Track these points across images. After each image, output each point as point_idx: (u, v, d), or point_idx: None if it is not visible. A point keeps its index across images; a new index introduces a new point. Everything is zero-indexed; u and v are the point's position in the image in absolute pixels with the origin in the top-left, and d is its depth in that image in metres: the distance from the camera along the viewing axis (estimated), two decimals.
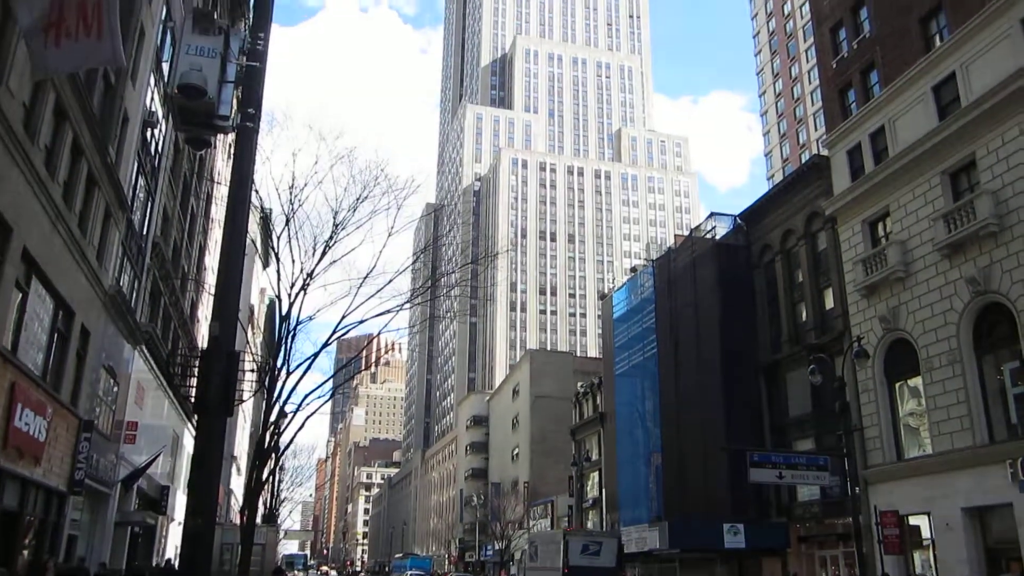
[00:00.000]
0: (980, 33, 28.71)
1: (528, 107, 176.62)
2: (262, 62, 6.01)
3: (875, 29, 37.02)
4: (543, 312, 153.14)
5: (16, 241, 15.75)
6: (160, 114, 28.82)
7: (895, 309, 30.90)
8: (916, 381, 30.07)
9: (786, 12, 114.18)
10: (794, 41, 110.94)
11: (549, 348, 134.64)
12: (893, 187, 31.96)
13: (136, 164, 26.26)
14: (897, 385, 31.50)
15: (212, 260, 42.80)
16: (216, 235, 44.07)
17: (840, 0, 40.09)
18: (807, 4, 77.61)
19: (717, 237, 45.08)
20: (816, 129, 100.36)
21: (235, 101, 6.38)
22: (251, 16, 6.74)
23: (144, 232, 28.53)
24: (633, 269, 63.84)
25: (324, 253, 26.44)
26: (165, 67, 28.65)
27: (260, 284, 70.66)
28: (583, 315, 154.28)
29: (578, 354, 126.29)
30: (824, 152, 38.89)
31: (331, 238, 26.30)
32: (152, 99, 27.65)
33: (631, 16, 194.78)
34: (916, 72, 32.04)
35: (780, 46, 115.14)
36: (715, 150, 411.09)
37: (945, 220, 28.44)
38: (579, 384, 73.00)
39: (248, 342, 51.41)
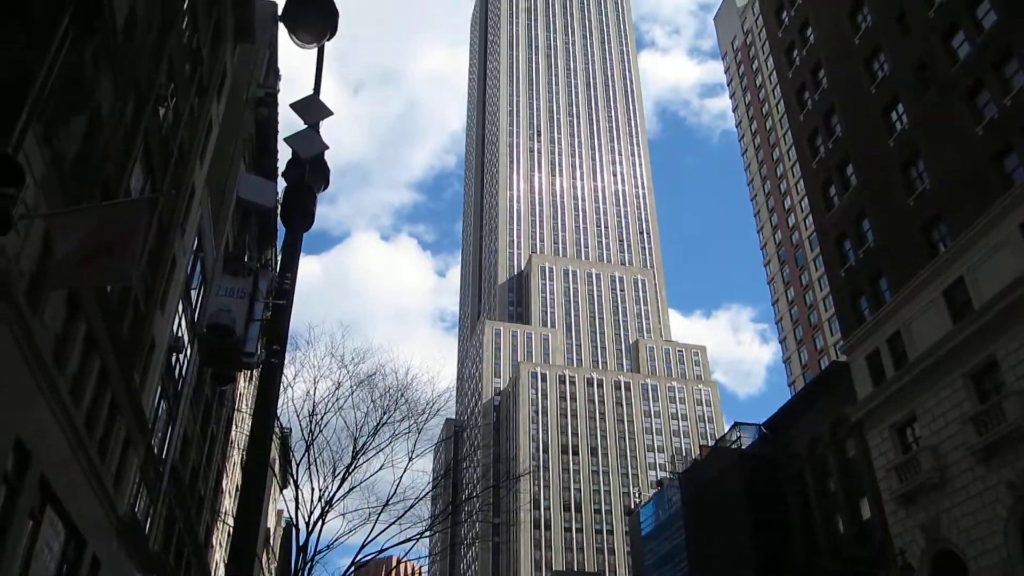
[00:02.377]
0: (981, 239, 29.52)
1: (545, 321, 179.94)
2: (289, 300, 6.25)
3: (878, 239, 38.16)
4: (568, 530, 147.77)
5: (34, 469, 15.64)
6: (186, 339, 29.50)
7: (935, 518, 29.63)
8: None
9: (791, 224, 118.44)
10: (801, 251, 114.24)
11: (576, 569, 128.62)
12: (917, 391, 31.66)
13: (159, 389, 26.56)
14: None
15: (229, 483, 42.16)
16: (235, 457, 43.69)
17: (842, 214, 41.64)
18: (811, 217, 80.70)
19: (743, 447, 44.29)
20: (832, 334, 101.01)
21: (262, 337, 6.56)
22: (279, 256, 7.06)
23: (163, 456, 28.36)
24: (659, 483, 62.27)
25: (344, 479, 26.08)
26: (193, 294, 29.67)
27: (277, 506, 69.12)
28: (610, 532, 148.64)
29: (606, 574, 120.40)
30: (843, 358, 38.90)
31: (351, 465, 26.03)
32: (179, 325, 28.42)
33: (641, 232, 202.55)
34: (924, 278, 32.66)
35: (788, 256, 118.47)
36: (731, 360, 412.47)
37: (975, 423, 27.90)
38: None
39: (263, 572, 49.56)
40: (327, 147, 6.45)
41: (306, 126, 6.55)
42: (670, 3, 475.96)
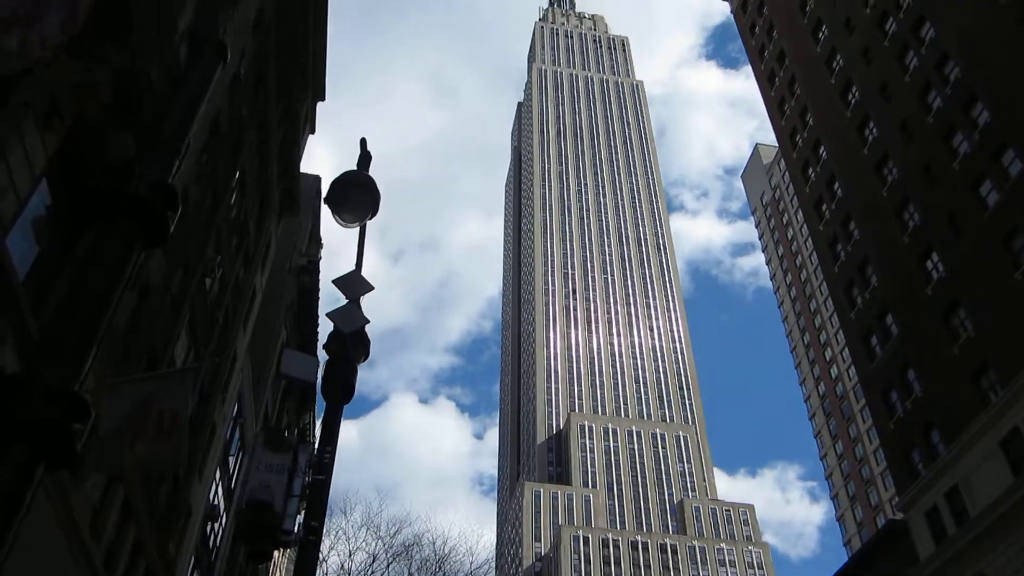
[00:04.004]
0: None
1: (586, 481, 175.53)
2: (328, 475, 6.18)
3: (926, 389, 37.31)
4: None
5: None
6: (222, 507, 29.10)
7: None
8: None
9: (833, 375, 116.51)
10: (847, 403, 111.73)
11: None
12: (982, 550, 29.97)
13: (193, 560, 25.98)
14: None
15: None
16: None
17: (886, 364, 40.98)
18: (853, 367, 79.54)
19: None
20: (887, 489, 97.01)
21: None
22: (318, 423, 7.05)
23: None
24: None
25: None
26: (231, 461, 29.52)
27: None
28: None
29: None
30: (900, 515, 37.23)
31: None
32: (216, 493, 28.12)
33: (681, 387, 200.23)
34: (978, 429, 31.63)
35: (834, 408, 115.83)
36: (780, 521, 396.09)
37: None
38: None
39: None
40: (368, 321, 6.54)
41: (347, 300, 6.68)
42: (697, 168, 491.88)
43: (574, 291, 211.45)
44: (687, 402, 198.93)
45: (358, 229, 7.20)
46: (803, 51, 54.95)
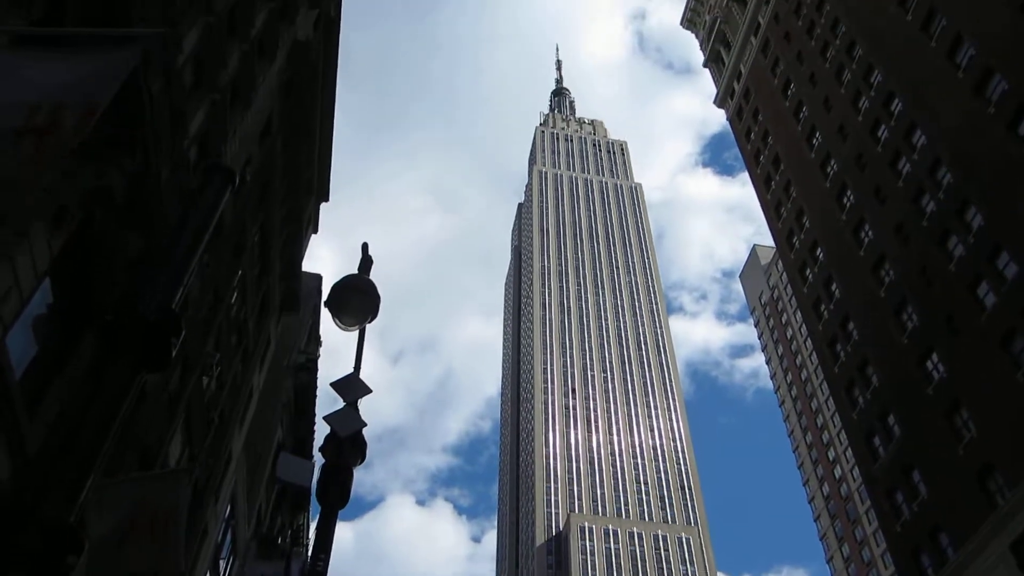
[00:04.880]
0: None
1: None
2: None
3: (931, 490, 36.73)
4: None
5: None
6: None
7: None
8: None
9: (837, 476, 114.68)
10: (852, 504, 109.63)
11: None
12: None
13: None
14: None
15: None
16: None
17: (889, 465, 40.47)
18: (856, 468, 78.35)
19: None
20: None
21: None
22: (312, 525, 6.93)
23: None
24: None
25: None
26: (222, 564, 28.75)
27: None
28: None
29: None
30: None
31: None
32: None
33: (682, 488, 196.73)
34: (986, 532, 31.00)
35: (839, 510, 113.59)
36: None
37: None
38: None
39: None
40: (365, 424, 6.53)
41: (345, 403, 6.68)
42: (695, 271, 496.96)
43: (574, 390, 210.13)
44: (689, 503, 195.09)
45: (357, 332, 7.26)
46: (798, 156, 56.23)
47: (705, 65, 77.89)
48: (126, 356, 3.40)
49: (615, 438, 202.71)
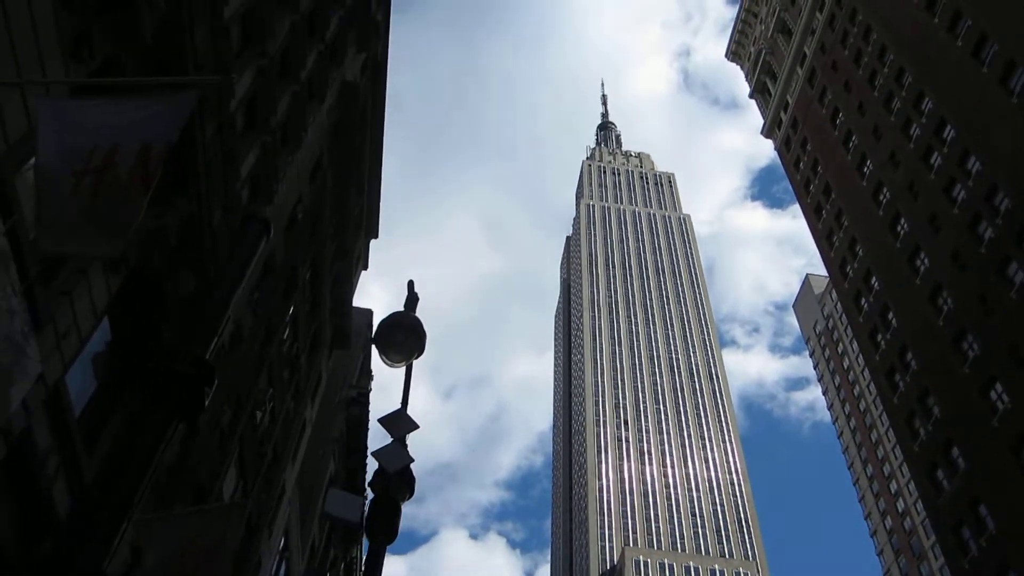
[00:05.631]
0: None
1: None
2: None
3: (999, 525, 35.54)
4: None
5: None
6: None
7: None
8: None
9: (900, 509, 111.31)
10: (916, 538, 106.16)
11: None
12: None
13: None
14: None
15: None
16: None
17: (955, 499, 39.29)
18: (920, 501, 76.00)
19: None
20: None
21: None
22: (363, 562, 6.97)
23: None
24: None
25: None
26: None
27: None
28: None
29: None
30: None
31: None
32: None
33: (739, 521, 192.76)
34: None
35: (902, 544, 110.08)
36: None
37: None
38: None
39: None
40: (412, 460, 6.59)
41: (393, 439, 6.77)
42: (747, 304, 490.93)
43: (626, 422, 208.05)
44: (747, 536, 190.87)
45: (405, 368, 7.36)
46: (849, 185, 55.50)
47: (751, 96, 77.55)
48: (163, 404, 3.53)
49: (669, 470, 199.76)
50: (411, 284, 7.75)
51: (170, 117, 6.16)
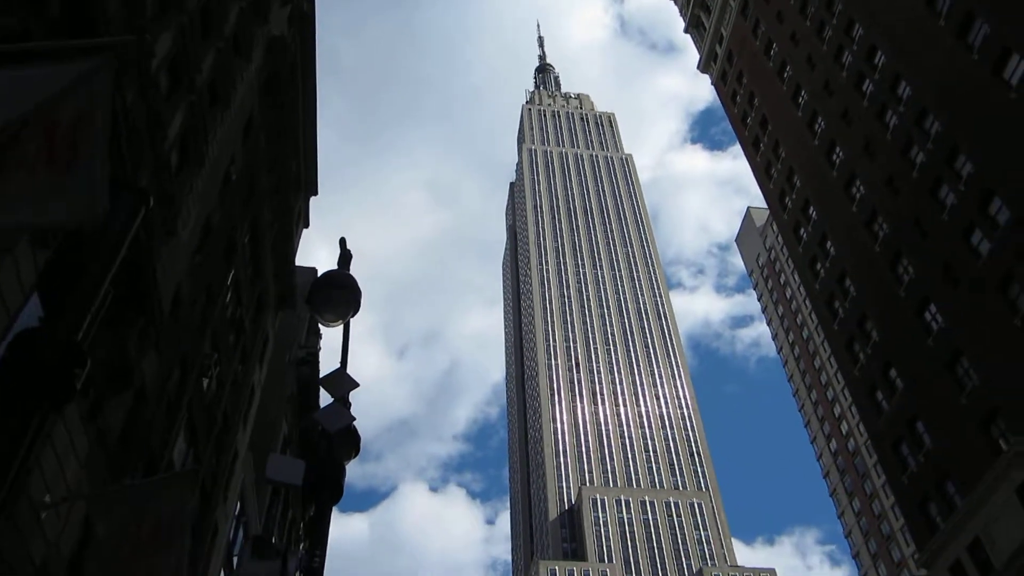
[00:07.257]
0: None
1: (602, 556, 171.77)
2: None
3: (936, 440, 36.95)
4: None
5: None
6: None
7: None
8: None
9: (844, 431, 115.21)
10: (860, 458, 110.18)
11: None
12: None
13: None
14: None
15: None
16: None
17: (893, 417, 40.69)
18: (862, 423, 78.81)
19: None
20: (908, 544, 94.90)
21: None
22: (308, 535, 7.00)
23: None
24: None
25: None
26: (235, 560, 28.95)
27: None
28: None
29: None
30: (923, 572, 36.46)
31: None
32: None
33: (692, 454, 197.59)
34: (993, 479, 31.22)
35: (847, 465, 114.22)
36: None
37: None
38: None
39: None
40: (354, 419, 6.57)
41: (333, 399, 6.72)
42: (691, 247, 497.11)
43: (577, 364, 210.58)
44: (699, 469, 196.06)
45: (342, 327, 7.29)
46: (785, 116, 56.05)
47: (686, 31, 77.39)
48: (25, 393, 3.42)
49: (622, 409, 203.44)
50: (343, 241, 7.64)
51: (83, 85, 5.89)
